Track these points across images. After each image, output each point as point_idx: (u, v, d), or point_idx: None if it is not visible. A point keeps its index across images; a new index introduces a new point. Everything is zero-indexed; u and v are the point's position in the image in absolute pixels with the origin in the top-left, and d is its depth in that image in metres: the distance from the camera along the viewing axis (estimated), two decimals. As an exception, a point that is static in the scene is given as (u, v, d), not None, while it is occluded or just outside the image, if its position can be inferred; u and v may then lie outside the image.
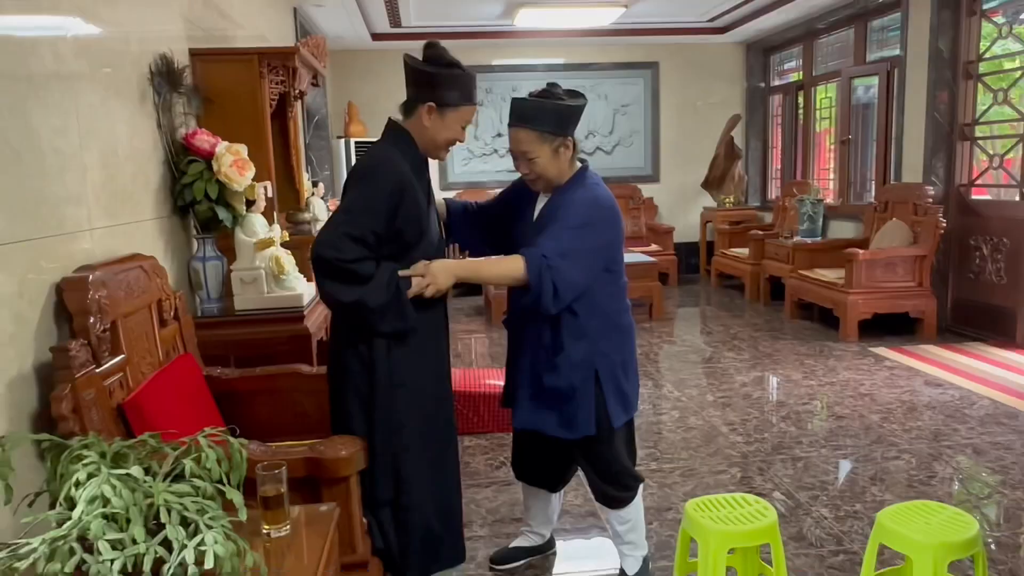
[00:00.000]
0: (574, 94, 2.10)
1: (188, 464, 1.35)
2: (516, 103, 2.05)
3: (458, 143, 2.00)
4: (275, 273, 2.87)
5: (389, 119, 2.02)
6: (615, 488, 2.21)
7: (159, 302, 2.26)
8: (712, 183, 8.03)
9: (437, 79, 1.93)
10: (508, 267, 2.00)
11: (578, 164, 2.16)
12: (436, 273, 1.94)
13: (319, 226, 4.37)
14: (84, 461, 1.29)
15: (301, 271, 3.11)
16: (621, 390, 2.16)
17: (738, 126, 7.98)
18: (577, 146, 2.12)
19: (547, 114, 2.04)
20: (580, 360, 2.10)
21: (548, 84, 2.10)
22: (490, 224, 2.32)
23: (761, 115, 8.23)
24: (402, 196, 1.90)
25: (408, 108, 1.98)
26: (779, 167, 8.09)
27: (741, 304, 6.84)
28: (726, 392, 4.24)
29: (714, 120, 8.20)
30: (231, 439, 1.44)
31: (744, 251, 7.13)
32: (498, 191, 2.37)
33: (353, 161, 7.01)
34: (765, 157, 8.32)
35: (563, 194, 2.11)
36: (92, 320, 1.82)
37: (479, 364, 5.01)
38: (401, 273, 1.92)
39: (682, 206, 8.42)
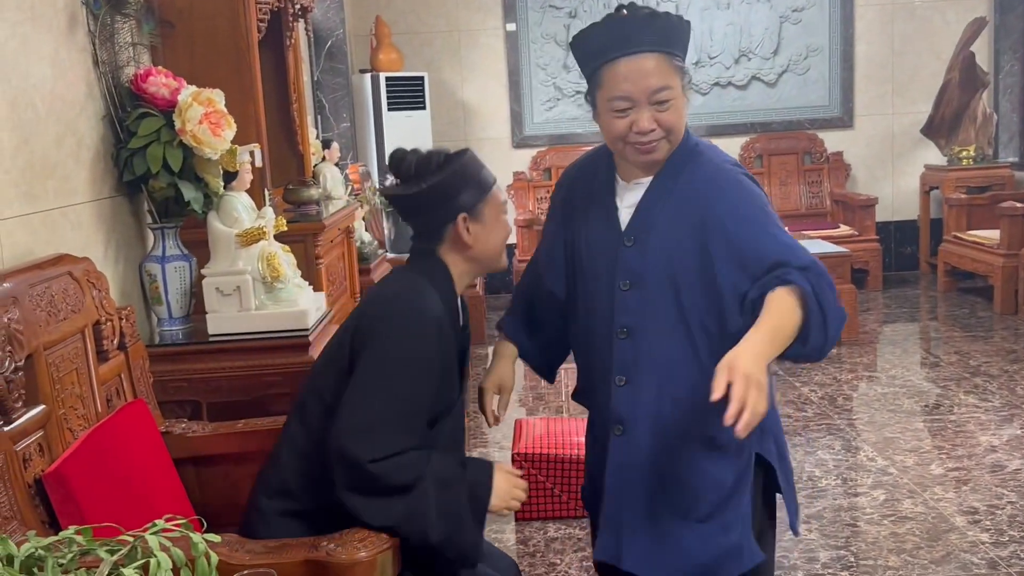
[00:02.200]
0: None
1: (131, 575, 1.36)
2: (629, 18, 1.98)
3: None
4: (267, 279, 2.91)
5: (413, 245, 2.20)
6: None
7: (96, 325, 2.30)
8: (940, 127, 7.80)
9: (449, 186, 2.10)
10: (789, 311, 1.88)
11: None
12: (747, 369, 1.74)
13: (333, 208, 4.44)
14: (-20, 569, 1.32)
15: (305, 276, 3.14)
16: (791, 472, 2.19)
17: (982, 36, 7.71)
18: None
19: (678, 32, 2.00)
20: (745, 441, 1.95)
21: None
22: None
23: (1020, 17, 7.93)
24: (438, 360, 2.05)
25: (431, 238, 2.15)
26: (1047, 100, 7.80)
27: (987, 319, 6.65)
28: (962, 461, 4.14)
29: (943, 28, 7.97)
30: (194, 536, 1.45)
31: (992, 234, 6.92)
32: (590, 148, 2.32)
33: (385, 106, 7.11)
34: (1024, 85, 8.02)
35: (678, 172, 2.05)
36: (-2, 354, 1.85)
37: (573, 410, 4.98)
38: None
39: (890, 165, 8.21)
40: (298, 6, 3.65)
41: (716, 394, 1.72)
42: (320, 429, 2.04)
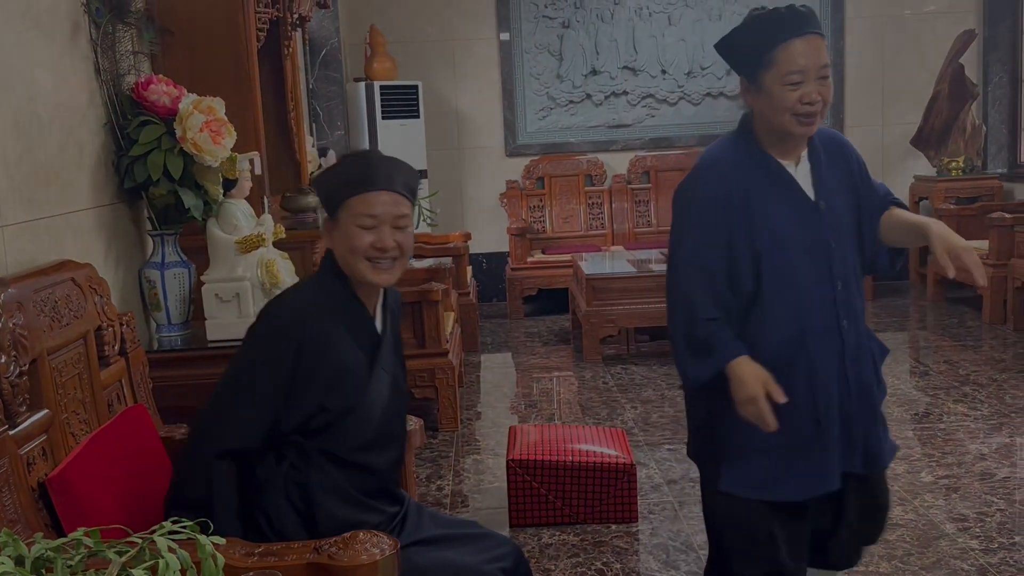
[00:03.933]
0: None
1: (139, 576, 1.37)
2: (793, 9, 2.34)
3: (371, 249, 2.10)
4: (266, 285, 2.93)
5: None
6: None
7: (98, 331, 2.31)
8: (929, 138, 7.84)
9: (318, 187, 2.24)
10: None
11: None
12: (959, 242, 2.29)
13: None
14: (-9, 570, 1.33)
15: (302, 282, 3.16)
16: None
17: (971, 48, 7.76)
18: None
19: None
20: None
21: None
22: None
23: (1008, 29, 7.99)
24: (298, 360, 2.06)
25: None
26: (1035, 112, 7.84)
27: (975, 328, 6.66)
28: (952, 469, 4.14)
29: (932, 40, 8.02)
30: (201, 538, 1.46)
31: (981, 245, 6.93)
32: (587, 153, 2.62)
33: (379, 114, 7.14)
34: (1015, 97, 8.07)
35: (815, 139, 2.43)
36: (3, 360, 1.87)
37: (565, 417, 4.98)
38: None
39: (879, 175, 8.03)
40: (296, 16, 3.67)
41: (950, 273, 2.20)
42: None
